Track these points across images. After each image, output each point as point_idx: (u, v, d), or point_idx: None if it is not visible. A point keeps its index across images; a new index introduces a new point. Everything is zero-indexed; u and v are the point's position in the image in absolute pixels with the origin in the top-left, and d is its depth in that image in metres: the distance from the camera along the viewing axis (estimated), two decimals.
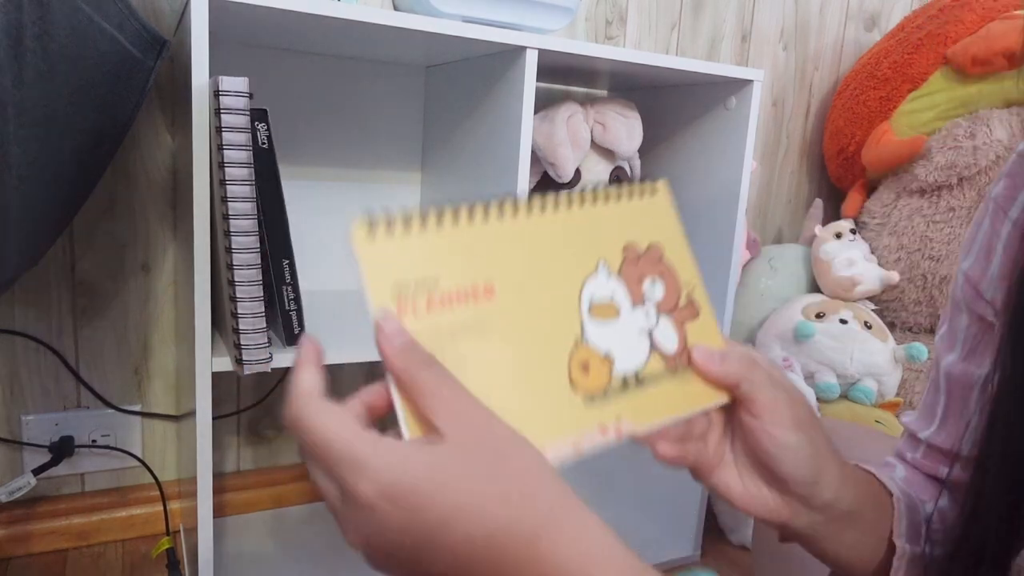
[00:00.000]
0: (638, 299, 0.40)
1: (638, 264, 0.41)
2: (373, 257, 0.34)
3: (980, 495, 0.43)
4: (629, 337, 0.39)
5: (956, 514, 0.48)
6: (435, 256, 0.35)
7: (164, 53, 0.83)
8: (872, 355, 1.22)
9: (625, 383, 0.39)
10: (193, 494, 0.80)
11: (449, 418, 0.30)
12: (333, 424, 0.30)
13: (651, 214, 0.42)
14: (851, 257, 1.31)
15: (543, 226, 0.38)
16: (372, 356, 0.83)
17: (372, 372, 1.23)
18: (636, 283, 0.40)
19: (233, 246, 0.70)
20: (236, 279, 0.71)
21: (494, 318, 0.36)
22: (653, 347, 0.40)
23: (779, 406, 0.40)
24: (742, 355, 0.40)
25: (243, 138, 0.68)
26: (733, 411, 0.42)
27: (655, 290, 0.41)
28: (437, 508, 0.28)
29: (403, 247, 0.35)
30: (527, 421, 0.35)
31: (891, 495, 0.47)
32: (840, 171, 1.53)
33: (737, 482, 0.43)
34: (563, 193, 0.39)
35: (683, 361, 0.41)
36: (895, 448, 0.58)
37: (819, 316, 1.25)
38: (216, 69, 0.68)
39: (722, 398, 0.41)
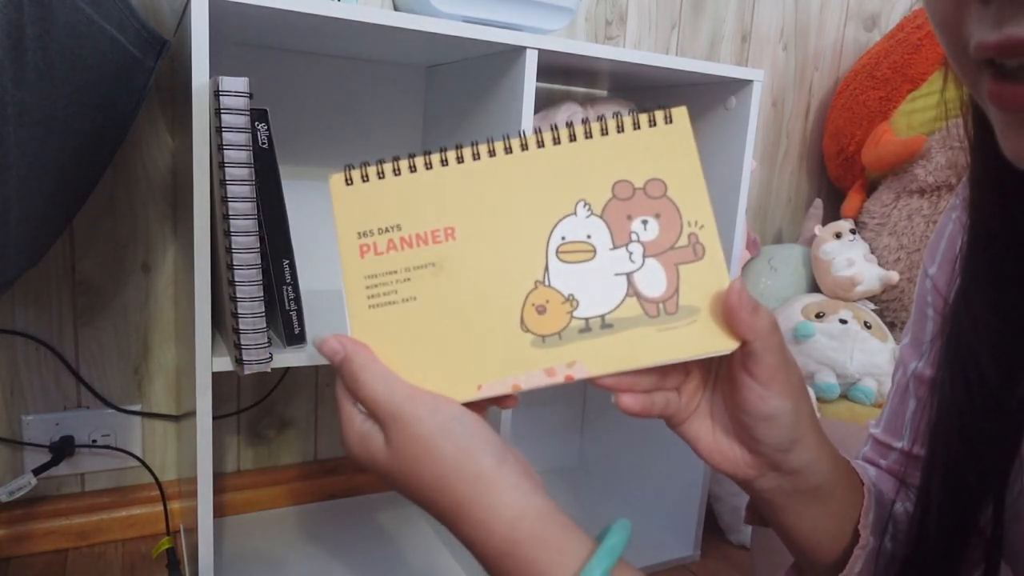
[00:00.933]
0: (622, 239, 0.38)
1: (629, 202, 0.39)
2: (345, 204, 0.38)
3: (926, 501, 0.43)
4: (602, 280, 0.38)
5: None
6: (402, 201, 0.38)
7: (164, 53, 0.83)
8: (872, 355, 1.22)
9: (587, 326, 0.38)
10: (193, 494, 0.80)
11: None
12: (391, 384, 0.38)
13: (663, 145, 0.39)
14: (851, 257, 1.31)
15: (524, 165, 0.39)
16: None
17: None
18: (622, 222, 0.39)
19: (233, 246, 0.70)
20: (236, 279, 0.71)
21: (452, 259, 0.38)
22: (631, 291, 0.38)
23: (780, 373, 0.39)
24: (769, 313, 0.39)
25: (243, 138, 0.68)
26: (726, 365, 0.41)
27: (647, 230, 0.39)
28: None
29: (374, 193, 0.38)
30: (466, 359, 0.38)
31: (863, 484, 0.47)
32: (840, 171, 1.53)
33: (708, 434, 0.43)
34: (562, 127, 0.39)
35: (671, 306, 0.38)
36: (862, 454, 0.57)
37: (819, 316, 1.25)
38: (216, 69, 0.68)
39: (731, 345, 0.38)
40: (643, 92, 1.19)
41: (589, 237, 0.38)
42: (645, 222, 0.39)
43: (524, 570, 0.35)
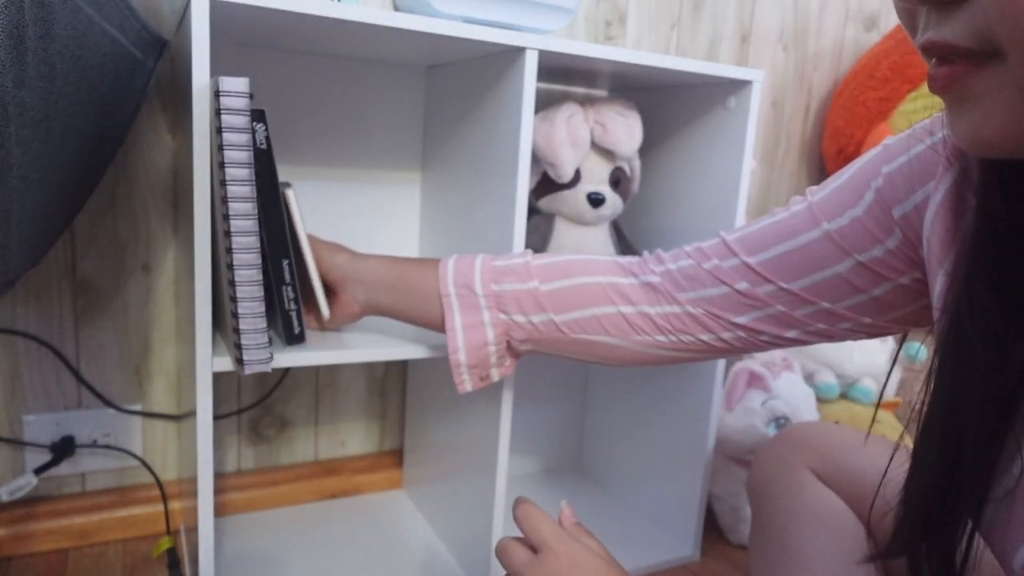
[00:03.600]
0: None
1: None
2: None
3: (917, 478, 0.45)
4: None
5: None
6: None
7: (164, 54, 0.83)
8: (872, 355, 1.22)
9: None
10: (194, 494, 0.80)
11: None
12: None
13: None
14: None
15: None
16: (372, 356, 0.83)
17: (372, 372, 1.23)
18: None
19: (233, 246, 0.70)
20: (236, 279, 0.71)
21: None
22: None
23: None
24: None
25: (243, 138, 0.69)
26: None
27: None
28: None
29: None
30: None
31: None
32: None
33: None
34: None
35: None
36: (693, 245, 0.68)
37: None
38: (216, 70, 0.68)
39: None
40: (643, 92, 1.19)
41: None
42: None
43: None
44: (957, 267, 0.44)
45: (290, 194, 0.78)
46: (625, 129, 1.02)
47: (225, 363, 0.76)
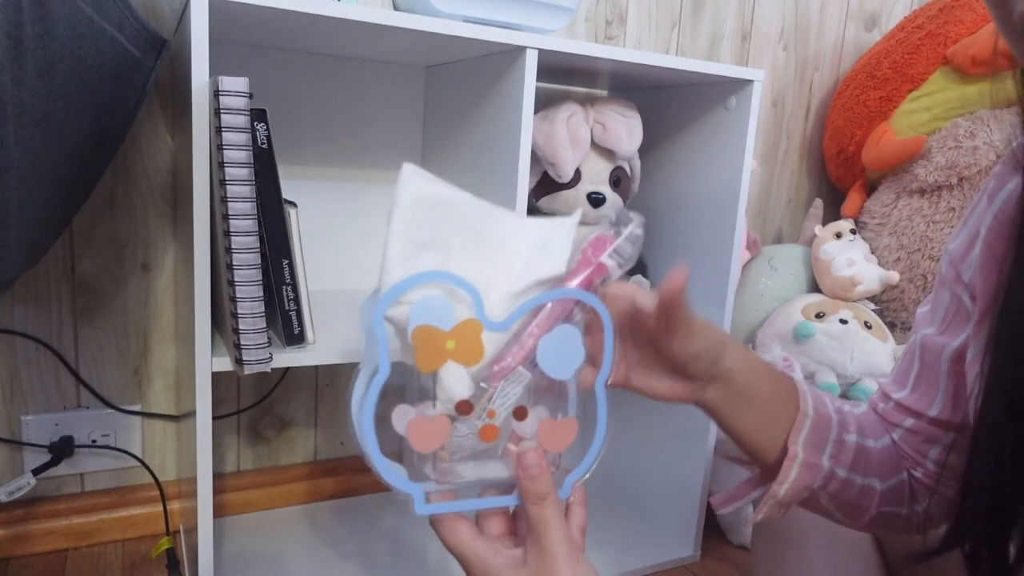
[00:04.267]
0: None
1: None
2: None
3: (971, 472, 0.44)
4: None
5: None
6: None
7: (164, 53, 0.83)
8: (872, 355, 1.22)
9: None
10: (193, 494, 0.80)
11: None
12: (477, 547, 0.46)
13: None
14: (851, 257, 1.31)
15: None
16: None
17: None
18: None
19: (233, 246, 0.70)
20: (236, 279, 0.71)
21: None
22: None
23: (686, 322, 0.48)
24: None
25: (243, 138, 0.68)
26: (644, 331, 0.51)
27: None
28: None
29: None
30: None
31: (797, 390, 0.55)
32: (840, 171, 1.53)
33: (654, 382, 0.53)
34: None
35: None
36: (870, 401, 0.63)
37: (819, 316, 1.25)
38: (216, 69, 0.68)
39: None
40: (643, 92, 1.19)
41: None
42: None
43: None
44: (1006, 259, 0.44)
45: (292, 215, 0.77)
46: (625, 129, 1.02)
47: (225, 363, 0.76)
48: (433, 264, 0.43)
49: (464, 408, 0.43)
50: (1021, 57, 0.35)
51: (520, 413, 0.45)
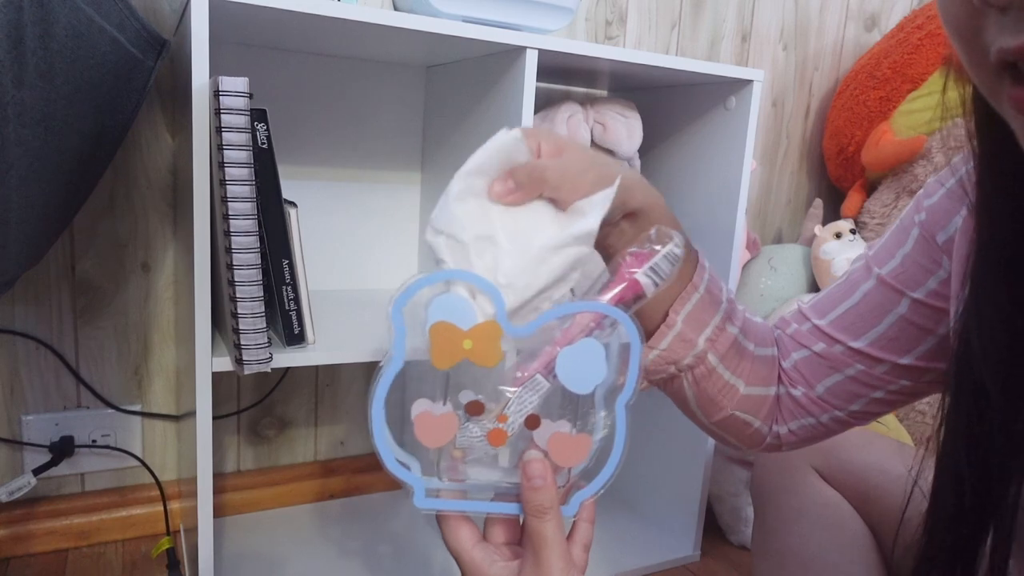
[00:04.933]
0: None
1: None
2: None
3: (937, 501, 0.44)
4: None
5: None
6: None
7: (164, 53, 0.83)
8: None
9: None
10: (193, 494, 0.80)
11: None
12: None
13: None
14: (851, 257, 1.31)
15: None
16: (372, 356, 0.83)
17: (372, 372, 1.22)
18: None
19: (233, 246, 0.70)
20: (236, 279, 0.71)
21: None
22: None
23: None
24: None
25: (243, 138, 0.68)
26: None
27: None
28: None
29: None
30: None
31: (699, 263, 0.54)
32: (840, 171, 1.53)
33: None
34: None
35: None
36: (781, 316, 0.64)
37: None
38: (216, 69, 0.68)
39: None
40: (643, 92, 1.19)
41: None
42: None
43: None
44: (967, 295, 0.43)
45: (292, 215, 0.77)
46: (625, 129, 1.02)
47: (225, 363, 0.76)
48: (474, 212, 0.45)
49: (474, 409, 0.43)
50: (992, 97, 0.32)
51: (532, 422, 0.45)
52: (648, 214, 0.51)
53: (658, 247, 0.47)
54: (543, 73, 1.07)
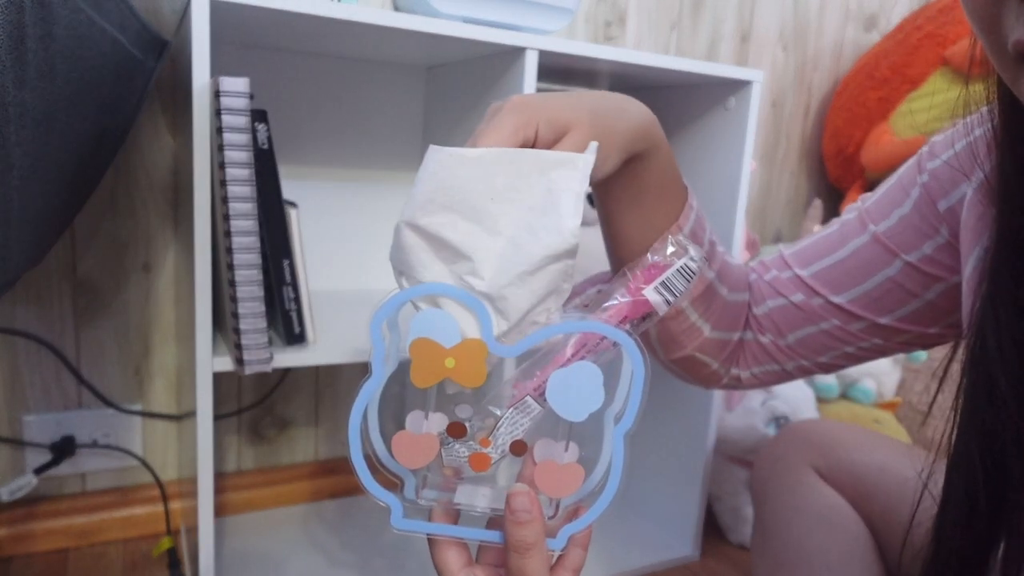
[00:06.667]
0: None
1: None
2: None
3: (948, 498, 0.44)
4: None
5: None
6: None
7: (165, 54, 0.83)
8: None
9: None
10: (194, 494, 0.80)
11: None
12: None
13: None
14: None
15: None
16: None
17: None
18: None
19: (233, 246, 0.70)
20: (236, 279, 0.71)
21: None
22: None
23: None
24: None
25: (243, 139, 0.69)
26: None
27: None
28: None
29: None
30: None
31: (687, 202, 0.57)
32: (839, 171, 1.53)
33: None
34: None
35: None
36: (757, 264, 0.64)
37: None
38: (216, 70, 0.68)
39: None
40: (643, 92, 1.19)
41: None
42: None
43: None
44: (981, 285, 0.43)
45: (293, 215, 0.77)
46: None
47: (225, 363, 0.76)
48: (444, 224, 0.40)
49: (455, 431, 0.40)
50: (1013, 85, 0.32)
51: (518, 448, 0.41)
52: (649, 159, 0.54)
53: (673, 259, 0.42)
54: (543, 74, 1.07)
